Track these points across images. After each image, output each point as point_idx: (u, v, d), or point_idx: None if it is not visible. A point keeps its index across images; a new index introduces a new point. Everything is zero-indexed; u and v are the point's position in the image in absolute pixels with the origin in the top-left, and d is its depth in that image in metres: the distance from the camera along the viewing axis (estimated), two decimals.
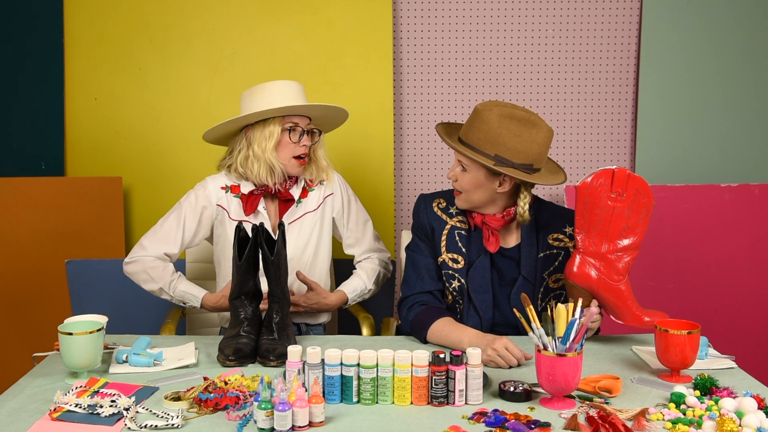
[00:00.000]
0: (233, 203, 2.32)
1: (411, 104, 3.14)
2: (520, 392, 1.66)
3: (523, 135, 1.93)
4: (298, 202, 2.34)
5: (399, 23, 3.10)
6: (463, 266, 2.08)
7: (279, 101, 2.24)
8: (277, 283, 1.95)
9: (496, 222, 2.05)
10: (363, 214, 2.47)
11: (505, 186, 2.00)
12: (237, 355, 1.86)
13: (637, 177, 1.90)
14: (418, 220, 2.15)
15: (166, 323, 2.46)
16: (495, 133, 1.94)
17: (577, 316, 1.65)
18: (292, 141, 2.27)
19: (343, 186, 2.44)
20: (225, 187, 2.33)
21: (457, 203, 2.08)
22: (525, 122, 1.94)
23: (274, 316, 1.95)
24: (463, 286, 2.08)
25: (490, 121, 1.94)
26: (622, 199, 1.90)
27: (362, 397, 1.65)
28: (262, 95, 2.26)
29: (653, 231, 3.01)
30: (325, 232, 2.39)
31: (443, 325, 1.99)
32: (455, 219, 2.11)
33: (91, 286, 2.80)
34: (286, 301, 1.97)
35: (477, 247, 2.08)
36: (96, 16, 3.01)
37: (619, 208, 1.90)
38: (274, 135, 2.25)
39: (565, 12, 3.11)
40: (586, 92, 3.16)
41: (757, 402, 1.56)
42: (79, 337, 1.72)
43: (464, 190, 2.03)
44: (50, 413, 1.57)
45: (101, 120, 3.04)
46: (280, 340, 1.91)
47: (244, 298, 1.98)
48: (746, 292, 3.04)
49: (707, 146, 3.15)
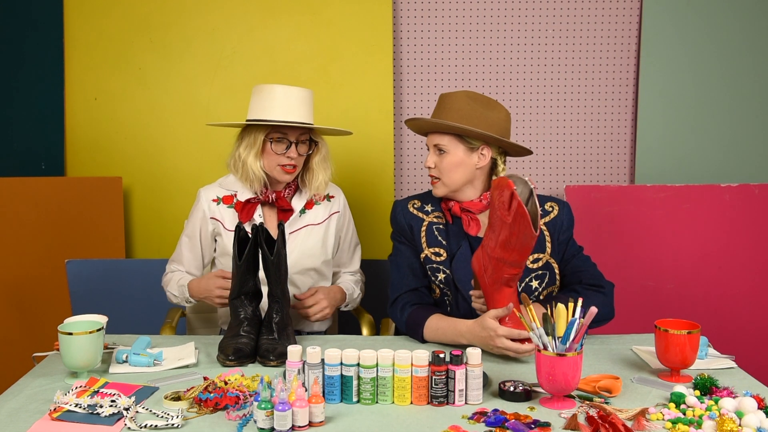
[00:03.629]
0: (227, 213, 2.28)
1: (411, 104, 3.14)
2: (520, 392, 1.66)
3: (490, 113, 2.07)
4: (302, 212, 2.30)
5: (399, 23, 3.10)
6: (445, 258, 2.12)
7: (269, 111, 2.18)
8: (277, 283, 1.96)
9: (475, 206, 2.12)
10: (356, 237, 2.46)
11: (483, 160, 2.09)
12: (237, 354, 1.86)
13: (524, 213, 1.77)
14: (396, 223, 2.21)
15: (166, 323, 2.46)
16: (466, 110, 2.05)
17: (577, 316, 1.65)
18: (275, 152, 2.21)
19: (346, 206, 2.42)
20: (216, 199, 2.30)
21: (436, 192, 2.14)
22: (488, 102, 2.09)
23: (274, 316, 1.95)
24: (449, 277, 2.10)
25: (459, 100, 2.08)
26: (507, 216, 1.81)
27: (362, 397, 1.65)
28: (261, 98, 2.22)
29: (653, 231, 3.01)
30: (329, 247, 2.35)
31: (436, 322, 2.01)
32: (431, 215, 2.17)
33: (91, 286, 2.80)
34: (286, 301, 1.98)
35: (456, 238, 2.12)
36: (96, 16, 3.01)
37: (505, 223, 1.82)
38: (257, 143, 2.21)
39: (565, 12, 3.11)
40: (586, 92, 3.16)
41: (757, 402, 1.56)
42: (79, 337, 1.72)
43: (443, 173, 2.10)
44: (50, 413, 1.57)
45: (101, 120, 3.05)
46: (280, 339, 1.91)
47: (244, 298, 1.98)
48: (746, 292, 3.04)
49: (707, 146, 3.15)
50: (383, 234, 3.06)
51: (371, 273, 2.61)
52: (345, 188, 2.46)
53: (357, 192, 3.01)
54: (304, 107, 2.22)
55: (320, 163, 2.29)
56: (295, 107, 2.20)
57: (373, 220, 3.05)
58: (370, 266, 2.67)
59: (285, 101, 2.20)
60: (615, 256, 2.99)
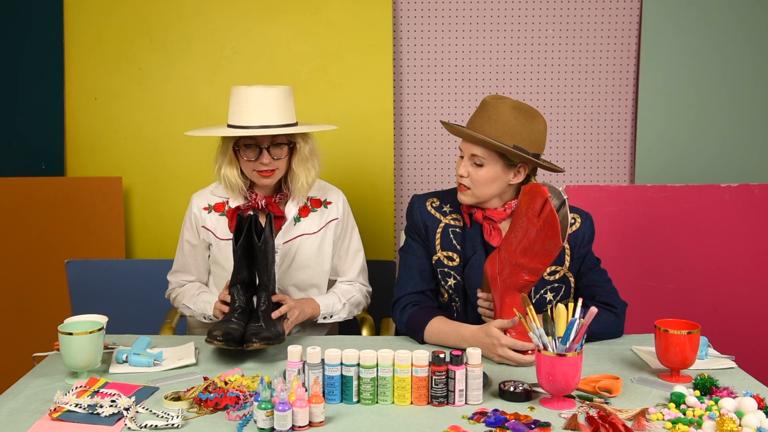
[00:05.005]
0: (221, 222, 2.21)
1: (411, 104, 3.14)
2: (520, 392, 1.66)
3: (533, 125, 1.99)
4: (297, 220, 2.22)
5: (399, 23, 3.10)
6: (458, 263, 2.09)
7: (237, 116, 2.09)
8: (264, 271, 1.97)
9: (498, 215, 2.06)
10: (357, 243, 2.34)
11: (518, 177, 2.03)
12: (225, 336, 1.86)
13: (555, 221, 1.77)
14: (412, 219, 2.16)
15: (166, 323, 2.46)
16: (511, 124, 1.97)
17: (577, 316, 1.65)
18: (246, 158, 2.11)
19: (347, 211, 2.31)
20: (207, 207, 2.23)
21: (463, 200, 2.06)
22: (530, 113, 2.00)
23: (261, 304, 1.97)
24: (459, 284, 2.08)
25: (504, 113, 1.97)
26: (536, 221, 1.80)
27: (362, 397, 1.65)
28: (233, 102, 2.11)
29: (653, 231, 3.01)
30: (325, 258, 2.27)
31: (438, 325, 1.99)
32: (449, 217, 2.12)
33: (91, 286, 2.80)
34: (272, 289, 2.00)
35: (472, 243, 2.09)
36: (96, 16, 3.01)
37: (532, 228, 1.81)
38: (228, 150, 2.14)
39: (565, 12, 3.11)
40: (586, 92, 3.16)
41: (757, 402, 1.56)
42: (79, 337, 1.72)
43: (476, 185, 2.02)
44: (50, 413, 1.57)
45: (101, 120, 3.04)
46: (266, 326, 1.93)
47: (240, 287, 2.00)
48: (746, 292, 3.04)
49: (707, 146, 3.15)
50: (383, 234, 3.06)
51: (371, 274, 2.60)
52: (345, 188, 2.40)
53: (357, 192, 3.00)
54: (273, 108, 2.08)
55: (300, 164, 2.16)
56: (261, 110, 2.07)
57: (372, 220, 3.05)
58: (370, 267, 2.66)
59: (250, 104, 2.08)
60: (615, 256, 2.98)
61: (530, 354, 1.84)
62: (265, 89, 2.10)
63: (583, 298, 2.00)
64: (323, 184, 2.32)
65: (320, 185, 2.30)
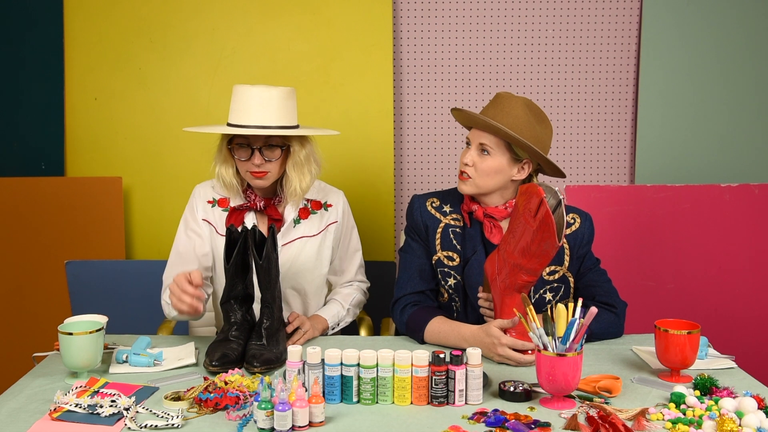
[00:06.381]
0: (223, 218, 2.17)
1: (411, 104, 3.14)
2: (520, 392, 1.66)
3: (541, 127, 2.02)
4: (297, 222, 2.19)
5: (399, 23, 3.10)
6: (458, 263, 2.09)
7: (234, 114, 2.06)
8: (267, 288, 1.89)
9: (499, 213, 2.06)
10: (355, 243, 2.33)
11: (521, 174, 2.04)
12: (222, 360, 1.80)
13: (551, 222, 1.76)
14: (412, 219, 2.15)
15: (165, 323, 2.46)
16: (523, 119, 1.99)
17: (577, 316, 1.65)
18: (238, 158, 2.09)
19: (347, 213, 2.29)
20: (212, 201, 2.20)
21: (463, 188, 2.05)
22: (540, 114, 2.03)
23: (265, 321, 1.90)
24: (459, 283, 2.08)
25: (517, 108, 1.99)
26: (532, 222, 1.80)
27: (362, 397, 1.65)
28: (233, 101, 2.09)
29: (653, 231, 3.01)
30: (324, 260, 2.24)
31: (438, 325, 1.99)
32: (449, 217, 2.12)
33: (91, 286, 2.79)
34: (277, 306, 1.92)
35: (472, 243, 2.08)
36: (96, 16, 3.01)
37: (529, 229, 1.81)
38: (223, 149, 2.13)
39: (565, 12, 3.11)
40: (586, 92, 3.16)
41: (757, 402, 1.56)
42: (79, 337, 1.72)
43: (479, 174, 2.02)
44: (50, 413, 1.57)
45: (101, 120, 3.04)
46: (269, 345, 1.87)
47: (234, 302, 1.93)
48: (746, 292, 3.04)
49: (707, 146, 3.15)
50: (383, 235, 3.06)
51: (370, 274, 2.60)
52: (345, 188, 2.38)
53: (357, 192, 3.00)
54: (271, 109, 2.04)
55: (295, 168, 2.11)
56: (259, 110, 2.03)
57: (372, 220, 3.05)
58: (370, 267, 2.66)
59: (248, 104, 2.05)
60: (615, 256, 2.98)
61: (530, 354, 1.84)
62: (266, 89, 2.06)
63: (582, 298, 1.98)
64: (323, 185, 2.30)
65: (320, 186, 2.29)
